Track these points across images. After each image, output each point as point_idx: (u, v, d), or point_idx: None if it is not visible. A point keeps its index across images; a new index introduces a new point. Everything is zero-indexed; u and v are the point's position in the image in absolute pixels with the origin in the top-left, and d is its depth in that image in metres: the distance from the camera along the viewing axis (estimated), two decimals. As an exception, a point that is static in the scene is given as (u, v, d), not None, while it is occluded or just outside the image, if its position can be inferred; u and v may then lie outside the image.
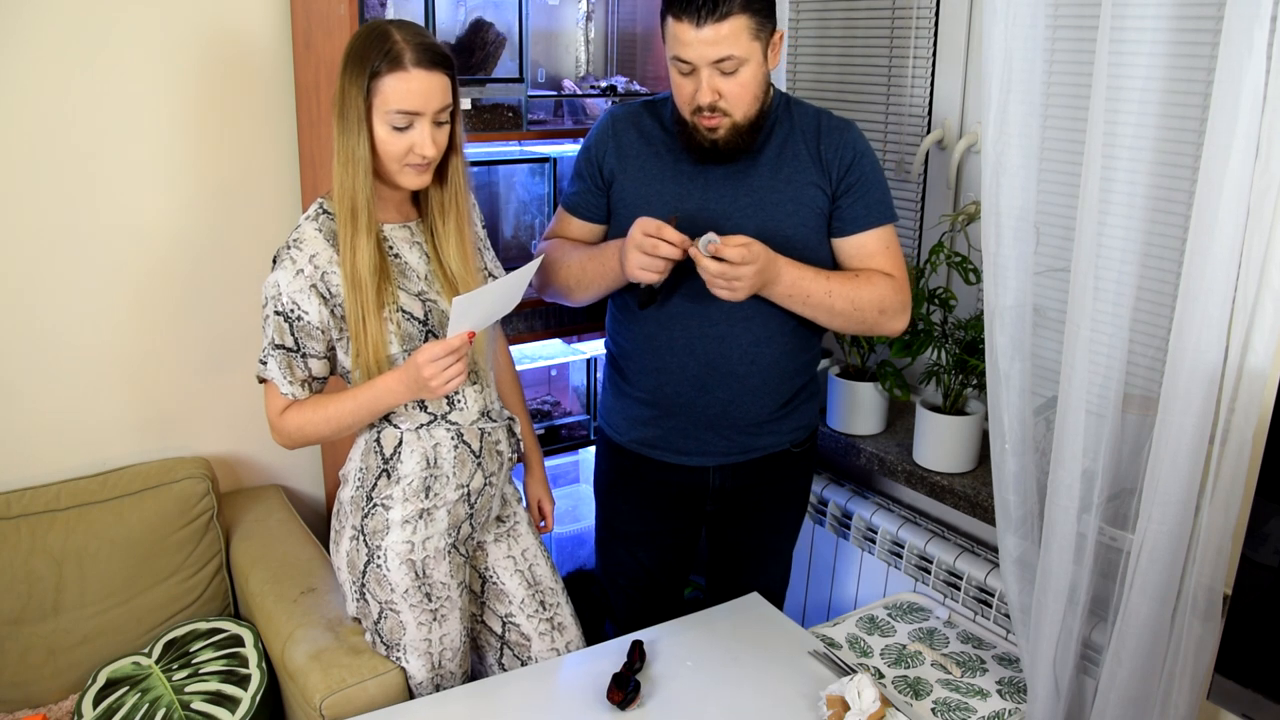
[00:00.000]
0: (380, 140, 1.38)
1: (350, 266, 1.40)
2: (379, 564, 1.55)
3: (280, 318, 1.43)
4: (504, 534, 1.69)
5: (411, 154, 1.39)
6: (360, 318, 1.41)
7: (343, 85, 1.37)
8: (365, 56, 1.35)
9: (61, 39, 1.80)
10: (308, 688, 1.55)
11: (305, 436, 1.48)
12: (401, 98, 1.35)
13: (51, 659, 1.80)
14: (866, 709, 1.42)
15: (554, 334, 2.21)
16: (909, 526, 2.03)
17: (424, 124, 1.38)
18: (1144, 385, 1.56)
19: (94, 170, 1.88)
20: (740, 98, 1.52)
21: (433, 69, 1.36)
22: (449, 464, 1.54)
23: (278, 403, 1.48)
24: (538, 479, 1.86)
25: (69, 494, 1.86)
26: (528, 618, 1.70)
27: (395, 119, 1.36)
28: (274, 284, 1.42)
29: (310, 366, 1.47)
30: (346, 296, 1.41)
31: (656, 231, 1.49)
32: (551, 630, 1.72)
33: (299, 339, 1.44)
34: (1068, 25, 1.68)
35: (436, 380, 1.37)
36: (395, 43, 1.35)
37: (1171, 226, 1.50)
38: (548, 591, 1.73)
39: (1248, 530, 1.26)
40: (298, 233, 1.44)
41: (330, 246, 1.43)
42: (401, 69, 1.34)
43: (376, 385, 1.43)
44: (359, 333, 1.42)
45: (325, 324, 1.44)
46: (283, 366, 1.45)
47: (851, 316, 1.62)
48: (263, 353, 1.46)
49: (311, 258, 1.42)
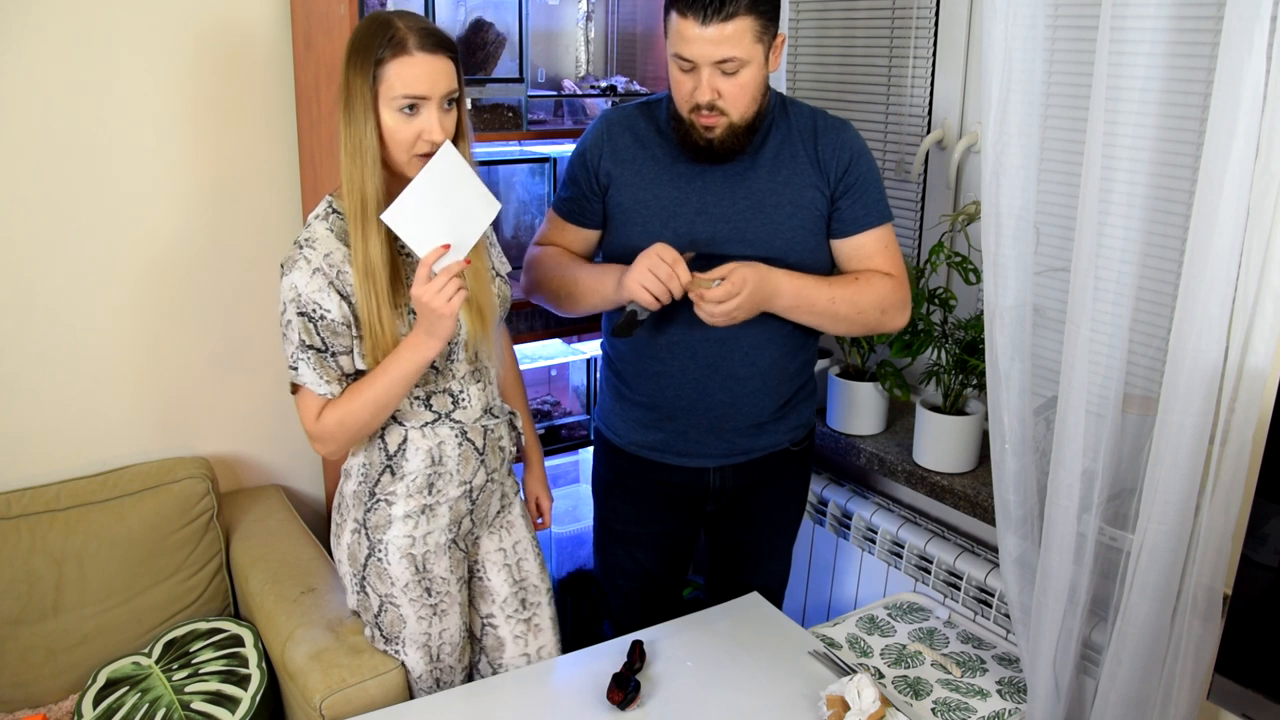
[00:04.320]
0: (388, 129, 1.37)
1: (363, 257, 1.39)
2: (380, 557, 1.55)
3: (304, 319, 1.41)
4: (498, 525, 1.69)
5: (420, 141, 1.38)
6: (374, 309, 1.39)
7: (347, 77, 1.37)
8: (369, 45, 1.35)
9: (63, 39, 1.80)
10: (308, 688, 1.55)
11: (347, 430, 1.45)
12: (408, 82, 1.35)
13: (51, 659, 1.80)
14: (866, 709, 1.42)
15: (554, 334, 2.21)
16: (909, 526, 2.03)
17: (431, 108, 1.37)
18: (1144, 385, 1.56)
19: (95, 170, 1.88)
20: (739, 99, 1.52)
21: (437, 53, 1.36)
22: (453, 461, 1.54)
23: (313, 406, 1.45)
24: (537, 476, 1.86)
25: (69, 494, 1.86)
26: (506, 618, 1.70)
27: (402, 103, 1.36)
28: (291, 286, 1.41)
29: (341, 364, 1.45)
30: (359, 289, 1.40)
31: (673, 263, 1.49)
32: (527, 633, 1.71)
33: (325, 338, 1.42)
34: (1068, 25, 1.68)
35: (438, 301, 1.33)
36: (398, 29, 1.35)
37: (1171, 226, 1.50)
38: (531, 590, 1.72)
39: (1248, 530, 1.26)
40: (309, 231, 1.43)
41: (342, 244, 1.42)
42: (406, 53, 1.34)
43: (399, 351, 1.41)
44: (374, 326, 1.40)
45: (347, 320, 1.42)
46: (316, 368, 1.43)
47: (855, 320, 1.62)
48: (290, 358, 1.43)
49: (326, 256, 1.41)
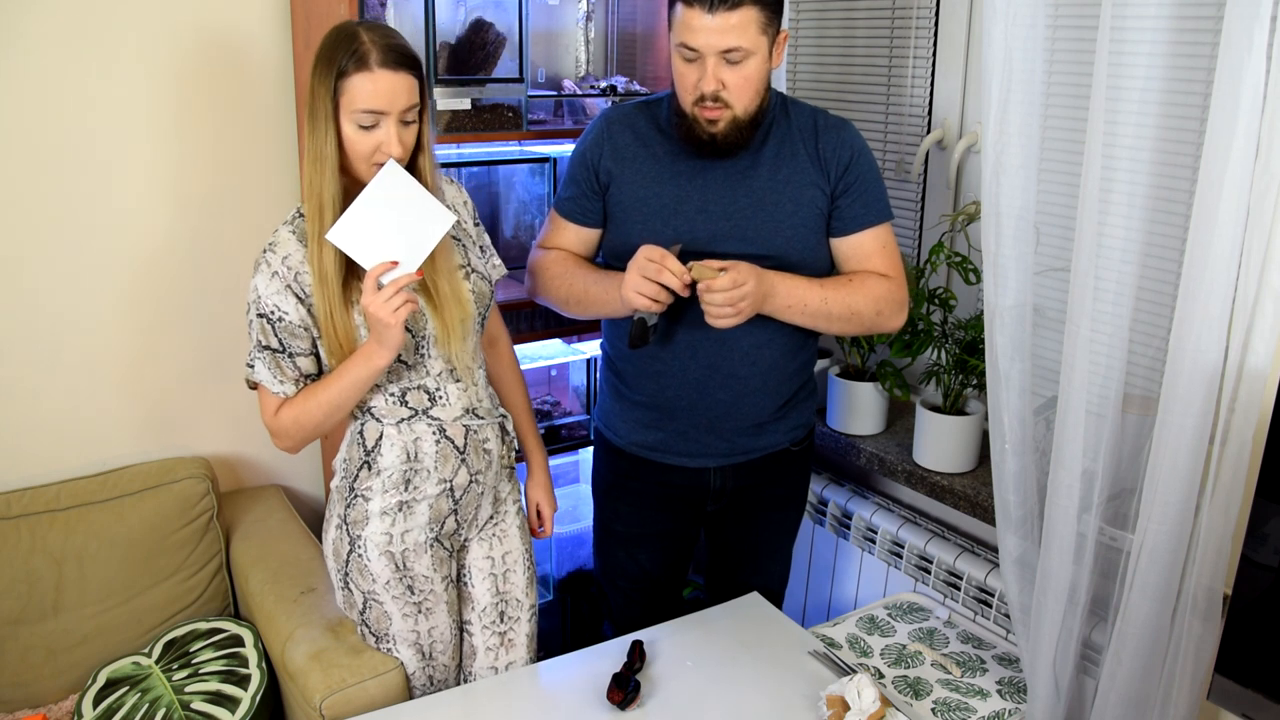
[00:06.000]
0: (348, 139, 1.40)
1: (318, 262, 1.42)
2: (360, 553, 1.57)
3: (263, 320, 1.46)
4: (489, 534, 1.69)
5: (378, 153, 1.41)
6: (328, 313, 1.43)
7: (312, 85, 1.40)
8: (333, 57, 1.37)
9: (61, 40, 1.80)
10: (308, 688, 1.56)
11: (302, 428, 1.49)
12: (367, 97, 1.37)
13: (51, 659, 1.80)
14: (866, 709, 1.42)
15: (554, 334, 2.21)
16: (909, 526, 2.03)
17: (389, 124, 1.40)
18: (1144, 385, 1.56)
19: (95, 170, 1.88)
20: (743, 90, 1.52)
21: (398, 70, 1.38)
22: (430, 458, 1.55)
23: (271, 404, 1.51)
24: (539, 482, 1.85)
25: (69, 494, 1.86)
26: (483, 628, 1.70)
27: (361, 118, 1.38)
28: (253, 288, 1.47)
29: (299, 365, 1.49)
30: (315, 292, 1.44)
31: (660, 259, 1.49)
32: (500, 645, 1.71)
33: (283, 339, 1.47)
34: (1068, 25, 1.68)
35: (383, 312, 1.36)
36: (362, 43, 1.37)
37: (1171, 226, 1.50)
38: (513, 604, 1.72)
39: (1248, 530, 1.26)
40: (274, 236, 1.48)
41: (303, 246, 1.46)
42: (367, 69, 1.36)
43: (354, 358, 1.45)
44: (329, 327, 1.44)
45: (305, 322, 1.47)
46: (271, 367, 1.48)
47: (850, 320, 1.62)
48: (249, 356, 1.49)
49: (284, 259, 1.45)
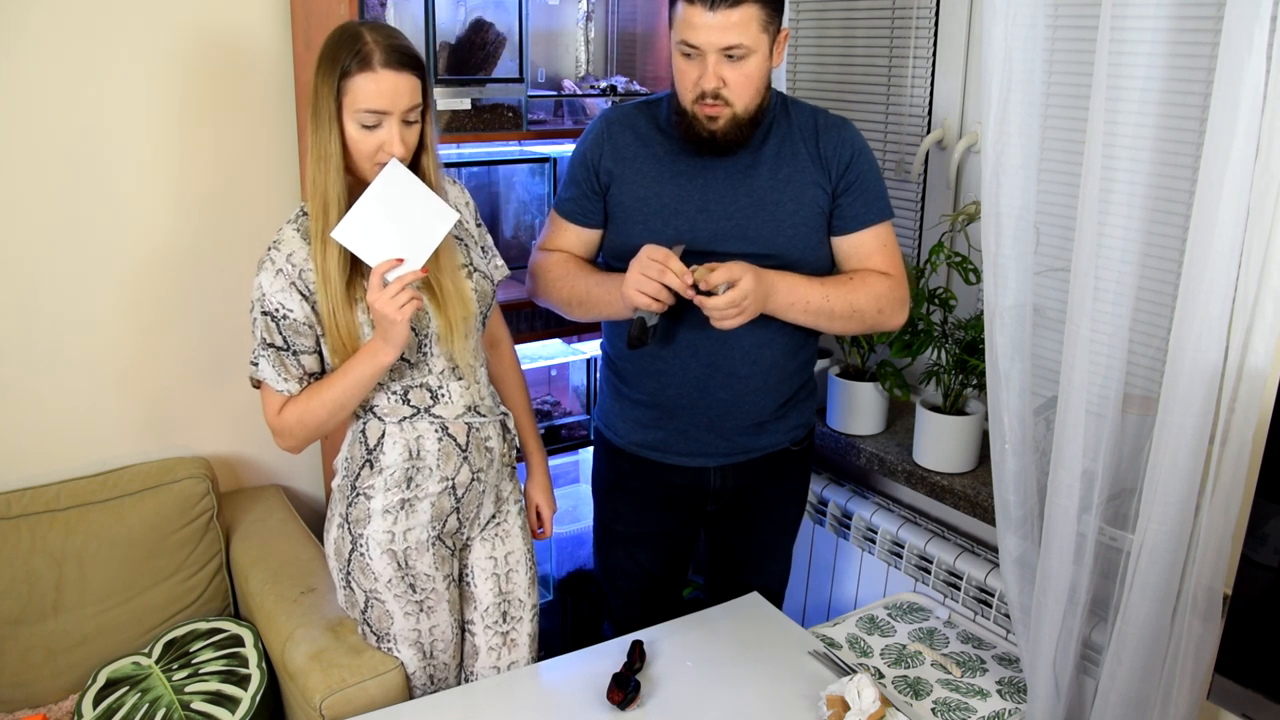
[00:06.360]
0: (351, 139, 1.41)
1: (321, 260, 1.43)
2: (362, 552, 1.57)
3: (267, 318, 1.46)
4: (491, 534, 1.69)
5: (381, 152, 1.41)
6: (330, 311, 1.44)
7: (315, 84, 1.40)
8: (336, 57, 1.38)
9: (62, 40, 1.80)
10: (308, 688, 1.56)
11: (305, 427, 1.49)
12: (370, 97, 1.37)
13: (51, 659, 1.80)
14: (866, 709, 1.42)
15: (554, 334, 2.21)
16: (909, 526, 2.03)
17: (392, 123, 1.40)
18: (1144, 385, 1.56)
19: (95, 171, 1.88)
20: (744, 88, 1.52)
21: (401, 70, 1.39)
22: (432, 456, 1.55)
23: (274, 402, 1.51)
24: (538, 483, 1.85)
25: (69, 494, 1.86)
26: (485, 628, 1.70)
27: (364, 118, 1.39)
28: (258, 286, 1.47)
29: (303, 363, 1.49)
30: (318, 290, 1.44)
31: (664, 259, 1.49)
32: (502, 645, 1.71)
33: (287, 337, 1.47)
34: (1068, 25, 1.68)
35: (389, 309, 1.37)
36: (365, 43, 1.37)
37: (1171, 226, 1.50)
38: (515, 604, 1.72)
39: (1248, 530, 1.26)
40: (278, 234, 1.49)
41: (307, 244, 1.46)
42: (370, 69, 1.37)
43: (359, 356, 1.45)
44: (332, 325, 1.45)
45: (309, 320, 1.47)
46: (275, 365, 1.48)
47: (851, 318, 1.62)
48: (253, 354, 1.49)
49: (289, 256, 1.46)
